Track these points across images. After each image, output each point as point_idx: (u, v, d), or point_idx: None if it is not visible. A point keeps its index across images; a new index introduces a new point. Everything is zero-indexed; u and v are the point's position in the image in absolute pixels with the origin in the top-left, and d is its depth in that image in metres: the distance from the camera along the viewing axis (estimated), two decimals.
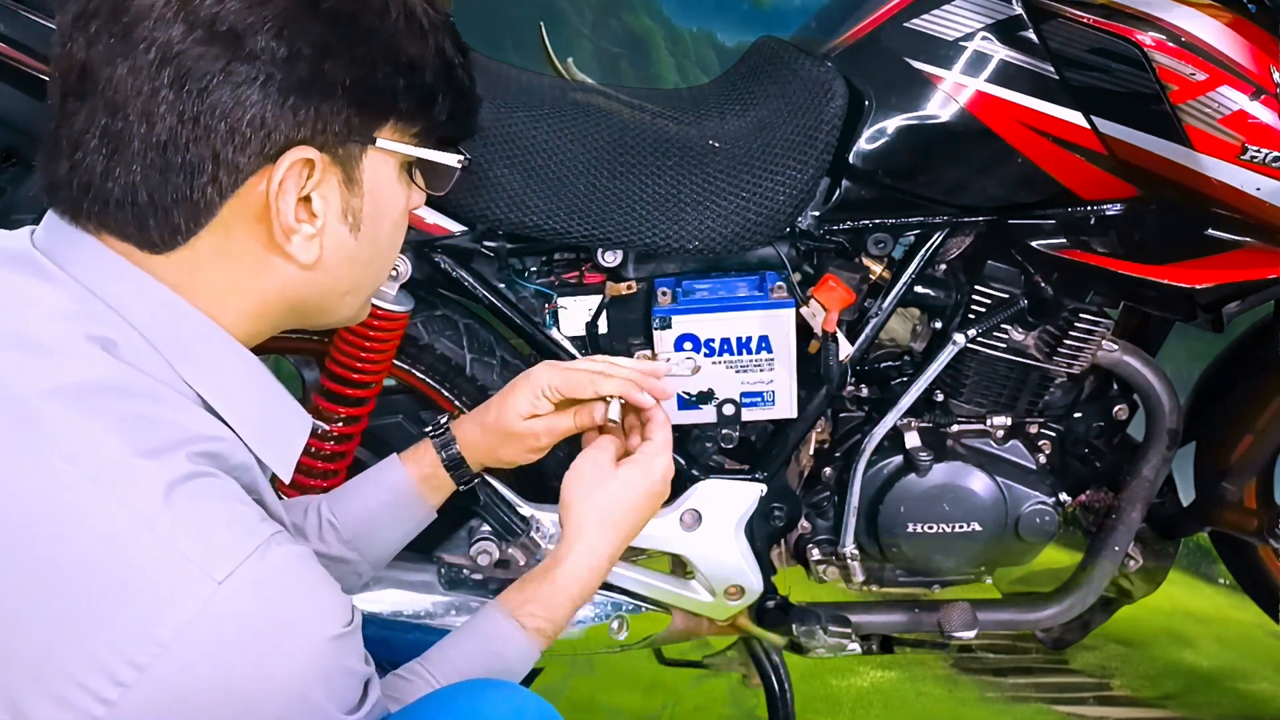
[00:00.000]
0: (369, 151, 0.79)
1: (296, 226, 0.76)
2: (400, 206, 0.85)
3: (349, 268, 0.82)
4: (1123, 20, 1.17)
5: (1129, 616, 1.58)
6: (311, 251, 0.78)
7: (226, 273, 0.77)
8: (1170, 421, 1.41)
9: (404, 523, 1.10)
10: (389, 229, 0.85)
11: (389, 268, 0.89)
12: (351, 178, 0.79)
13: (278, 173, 0.74)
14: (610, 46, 3.66)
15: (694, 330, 1.29)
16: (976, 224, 1.34)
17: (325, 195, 0.77)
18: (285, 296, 0.80)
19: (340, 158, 0.77)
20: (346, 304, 0.86)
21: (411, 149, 0.82)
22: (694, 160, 1.25)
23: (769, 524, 1.40)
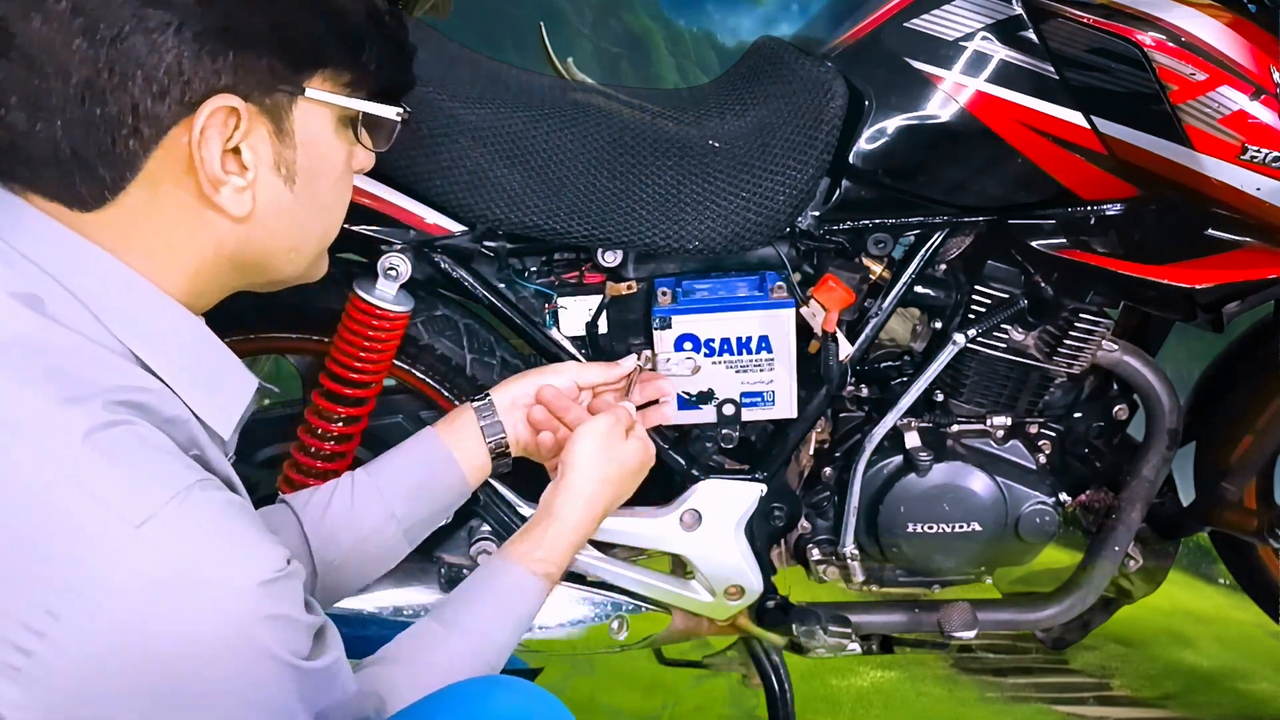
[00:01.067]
0: (299, 102, 0.78)
1: (224, 178, 0.75)
2: (340, 161, 0.84)
3: (287, 222, 0.81)
4: (1123, 20, 1.17)
5: (1129, 616, 1.58)
6: (243, 204, 0.77)
7: (158, 229, 0.76)
8: (1170, 421, 1.41)
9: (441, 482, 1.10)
10: (329, 184, 0.84)
11: (335, 225, 0.88)
12: (282, 129, 0.78)
13: (198, 121, 0.73)
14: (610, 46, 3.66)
15: (694, 330, 1.29)
16: (976, 224, 1.34)
17: (254, 146, 0.76)
18: (223, 253, 0.79)
19: (268, 108, 0.76)
20: (292, 261, 0.85)
21: (344, 100, 0.81)
22: (694, 160, 1.25)
23: (769, 524, 1.40)
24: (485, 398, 1.12)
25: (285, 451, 1.29)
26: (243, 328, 1.30)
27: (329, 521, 1.04)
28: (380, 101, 0.85)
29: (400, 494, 1.07)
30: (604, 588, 1.34)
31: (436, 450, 1.09)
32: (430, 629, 0.93)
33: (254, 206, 0.78)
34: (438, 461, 1.09)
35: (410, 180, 1.21)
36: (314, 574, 1.03)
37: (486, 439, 1.10)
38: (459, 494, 1.11)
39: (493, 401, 1.11)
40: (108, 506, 0.65)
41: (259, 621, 0.68)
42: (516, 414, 1.12)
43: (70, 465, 0.66)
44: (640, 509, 1.32)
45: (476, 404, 1.11)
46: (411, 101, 1.18)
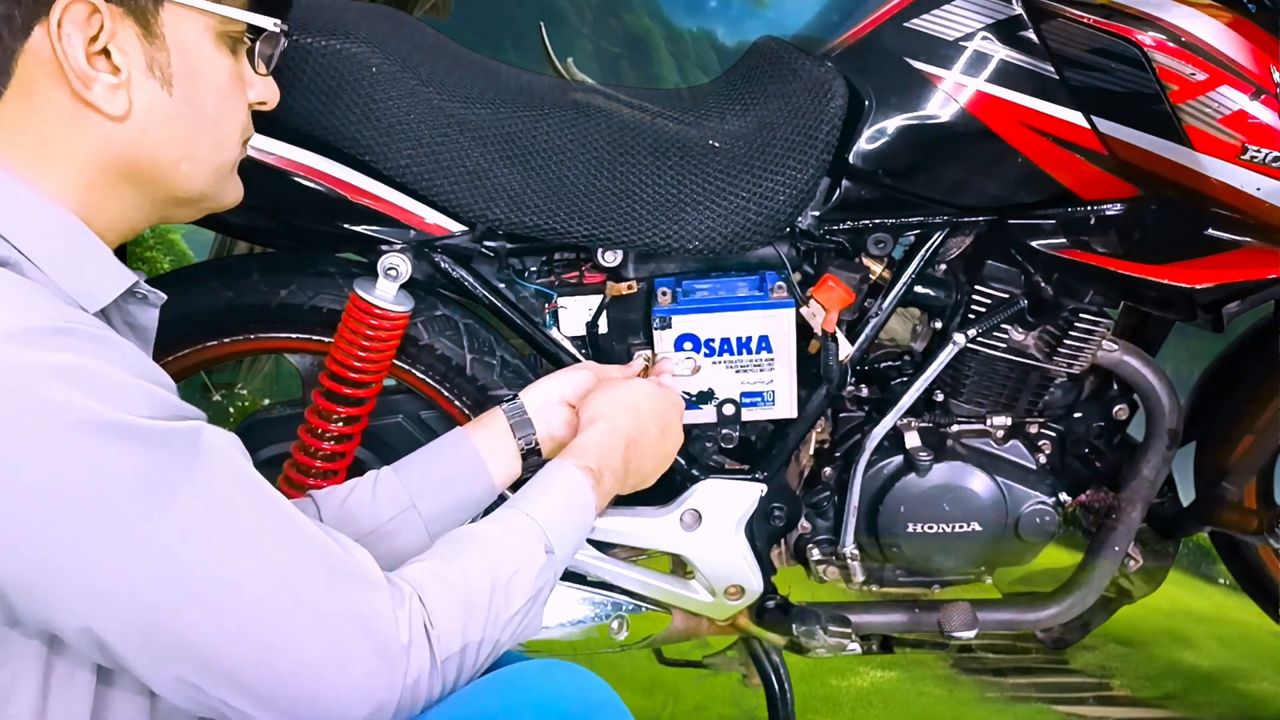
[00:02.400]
0: (166, 6, 0.80)
1: (93, 74, 0.77)
2: (223, 73, 0.85)
3: (170, 128, 0.82)
4: (1123, 20, 1.17)
5: (1129, 616, 1.58)
6: (118, 103, 0.78)
7: (39, 132, 0.78)
8: (1170, 421, 1.41)
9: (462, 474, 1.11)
10: (212, 94, 0.84)
11: (228, 142, 0.88)
12: (150, 30, 0.79)
13: (54, 18, 0.75)
14: (610, 46, 3.66)
15: (694, 330, 1.29)
16: (976, 224, 1.34)
17: (123, 47, 0.78)
18: (108, 159, 0.80)
19: (132, 9, 0.78)
20: (185, 174, 0.85)
21: (207, 4, 0.82)
22: (694, 160, 1.25)
23: (769, 524, 1.40)
24: (515, 398, 1.12)
25: (285, 451, 1.29)
26: (243, 328, 1.30)
27: (348, 507, 1.05)
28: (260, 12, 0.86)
29: (424, 488, 1.07)
30: (604, 588, 1.34)
31: (464, 448, 1.09)
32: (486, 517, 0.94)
33: (130, 107, 0.79)
34: (464, 459, 1.09)
35: (410, 180, 1.21)
36: None
37: (517, 439, 1.10)
38: (486, 492, 1.11)
39: (523, 403, 1.12)
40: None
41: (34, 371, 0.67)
42: (547, 414, 1.12)
43: None
44: (640, 509, 1.32)
45: (507, 405, 1.12)
46: (411, 102, 1.19)
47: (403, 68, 1.20)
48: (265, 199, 1.23)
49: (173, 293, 1.02)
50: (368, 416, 1.27)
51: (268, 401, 2.33)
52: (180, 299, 1.18)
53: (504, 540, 0.90)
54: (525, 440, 1.11)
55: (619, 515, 1.31)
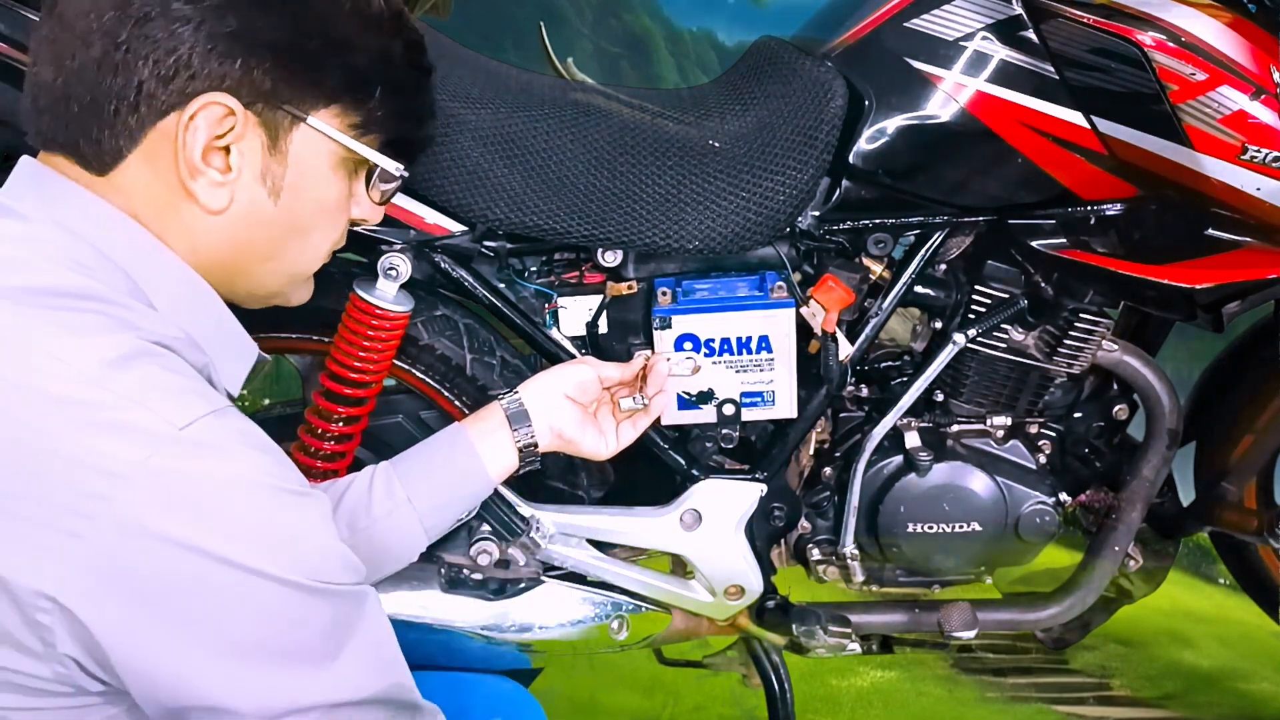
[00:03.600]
0: (301, 127, 0.82)
1: (203, 169, 0.79)
2: (332, 196, 0.88)
3: (265, 232, 0.85)
4: (1123, 20, 1.17)
5: (1129, 616, 1.59)
6: (218, 199, 0.81)
7: (153, 202, 0.81)
8: (1170, 421, 1.41)
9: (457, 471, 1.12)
10: (315, 211, 0.87)
11: (316, 255, 0.91)
12: (277, 145, 0.82)
13: (190, 109, 0.77)
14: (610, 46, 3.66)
15: (694, 330, 1.29)
16: (976, 224, 1.34)
17: (244, 150, 0.80)
18: (205, 245, 0.83)
19: (266, 120, 0.81)
20: (267, 274, 0.88)
21: (344, 138, 0.85)
22: (694, 160, 1.25)
23: (769, 524, 1.40)
24: (513, 393, 1.13)
25: (285, 451, 1.29)
26: (243, 327, 1.30)
27: (344, 504, 1.07)
28: (389, 153, 0.90)
29: (420, 484, 1.09)
30: (604, 588, 1.34)
31: (460, 444, 1.11)
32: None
33: (230, 205, 0.81)
34: (460, 455, 1.11)
35: (410, 180, 1.21)
36: None
37: (515, 434, 1.12)
38: (482, 487, 1.13)
39: (521, 398, 1.13)
40: (153, 411, 0.69)
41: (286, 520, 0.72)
42: (548, 410, 1.13)
43: (109, 381, 0.69)
44: (640, 509, 1.32)
45: (504, 400, 1.13)
46: None
47: None
48: None
49: None
50: (368, 416, 1.27)
51: (268, 401, 2.33)
52: None
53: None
54: (522, 435, 1.11)
55: (619, 515, 1.31)
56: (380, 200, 0.94)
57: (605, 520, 1.31)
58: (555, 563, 1.31)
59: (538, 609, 1.33)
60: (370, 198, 0.92)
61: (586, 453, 1.16)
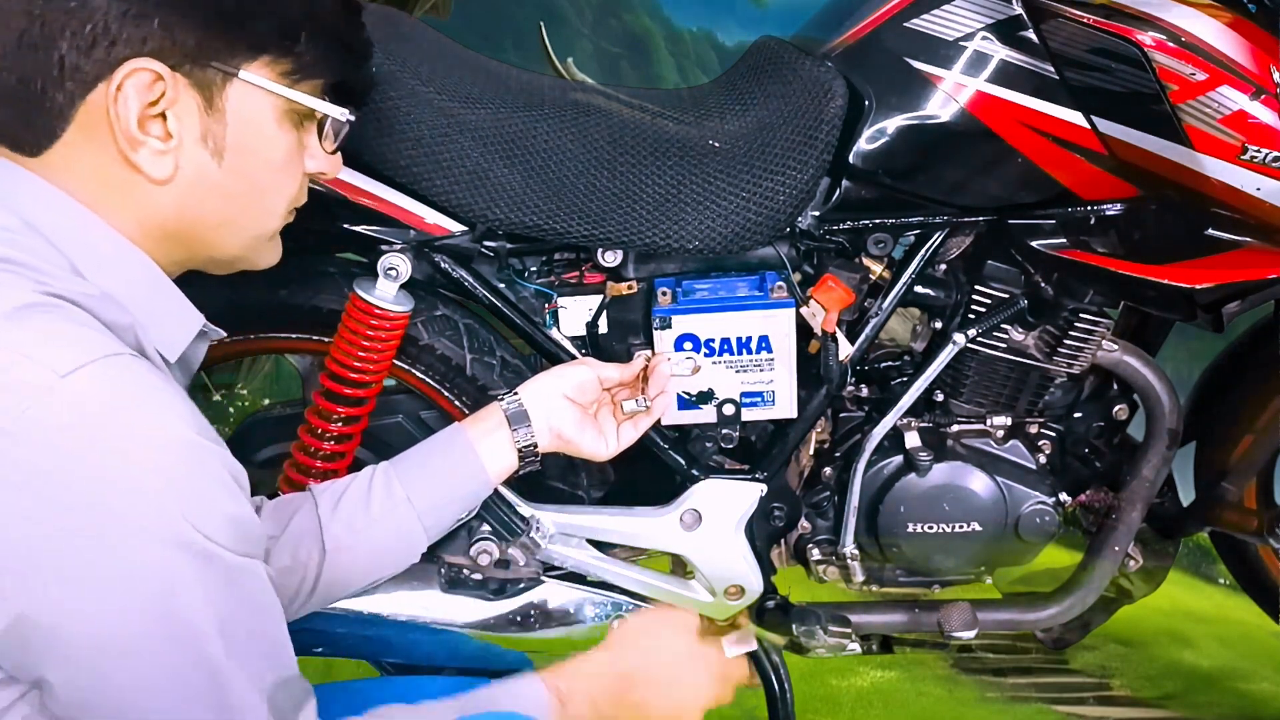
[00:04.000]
0: (234, 83, 0.81)
1: (141, 138, 0.78)
2: (280, 151, 0.86)
3: (216, 197, 0.83)
4: (1123, 20, 1.17)
5: (1129, 616, 1.59)
6: (163, 167, 0.80)
7: (94, 179, 0.80)
8: (1170, 421, 1.41)
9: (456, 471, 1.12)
10: (264, 168, 0.86)
11: (273, 212, 0.90)
12: (213, 104, 0.81)
13: (115, 79, 0.76)
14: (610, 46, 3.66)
15: (694, 330, 1.29)
16: (976, 224, 1.34)
17: (181, 115, 0.79)
18: (154, 216, 0.82)
19: (199, 81, 0.79)
20: (225, 238, 0.87)
21: (281, 89, 0.83)
22: (694, 160, 1.25)
23: (769, 524, 1.40)
24: (513, 394, 1.13)
25: (285, 451, 1.29)
26: (243, 328, 1.30)
27: (344, 504, 1.06)
28: (332, 99, 0.87)
29: (419, 484, 1.08)
30: (604, 588, 1.34)
31: (460, 444, 1.11)
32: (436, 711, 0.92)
33: (175, 173, 0.80)
34: (460, 455, 1.10)
35: (410, 180, 1.21)
36: (322, 553, 1.04)
37: (515, 434, 1.11)
38: (481, 487, 1.12)
39: (520, 399, 1.12)
40: (34, 360, 0.68)
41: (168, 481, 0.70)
42: (548, 411, 1.13)
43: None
44: (640, 509, 1.32)
45: (504, 401, 1.13)
46: (412, 102, 1.19)
47: (403, 68, 1.20)
48: None
49: None
50: (368, 416, 1.27)
51: (268, 401, 2.33)
52: None
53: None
54: (522, 436, 1.11)
55: (619, 515, 1.31)
56: (333, 150, 0.92)
57: (605, 520, 1.31)
58: (555, 563, 1.31)
59: (538, 609, 1.33)
60: (324, 148, 0.91)
61: (586, 453, 1.16)
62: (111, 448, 0.69)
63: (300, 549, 1.03)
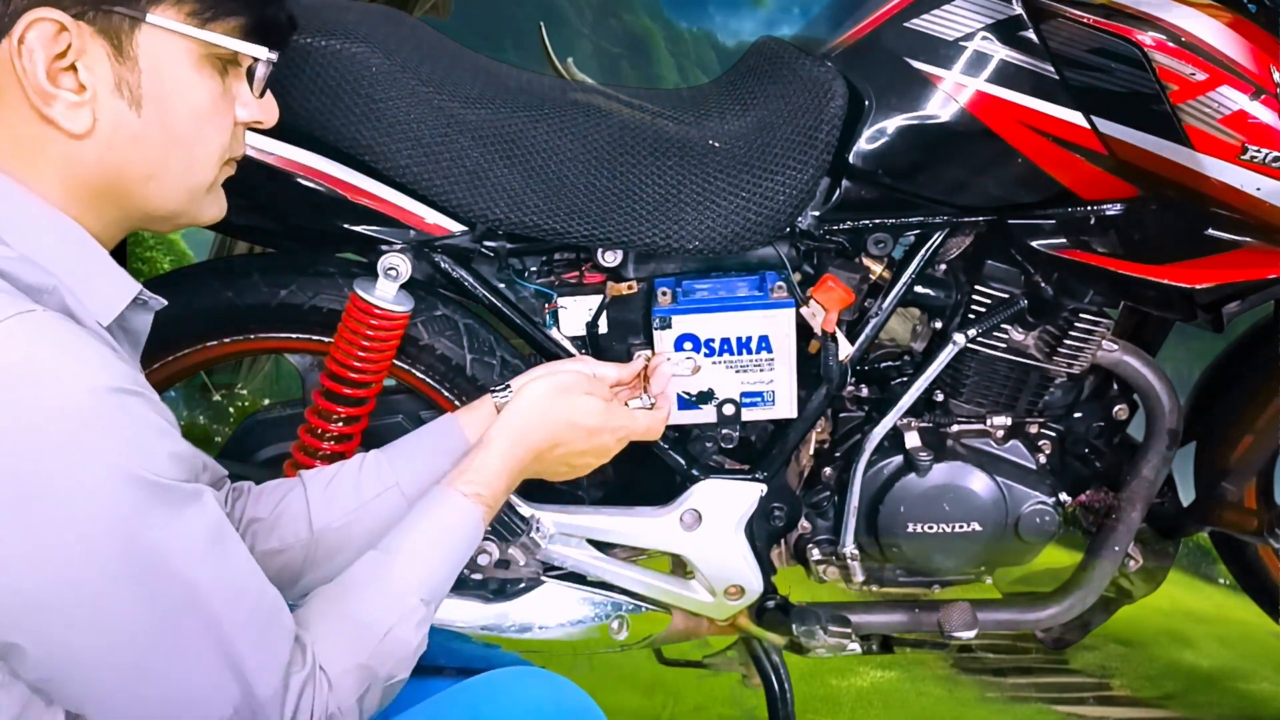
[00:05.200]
0: (143, 28, 0.79)
1: (53, 92, 0.77)
2: (203, 97, 0.84)
3: (138, 148, 0.81)
4: (1123, 20, 1.17)
5: (1129, 616, 1.59)
6: (79, 121, 0.78)
7: (11, 143, 0.78)
8: (1170, 421, 1.41)
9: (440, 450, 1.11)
10: (186, 114, 0.83)
11: (203, 161, 0.87)
12: (122, 51, 0.78)
13: (15, 32, 0.75)
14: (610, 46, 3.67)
15: (694, 330, 1.29)
16: (976, 224, 1.34)
17: (91, 65, 0.77)
18: (79, 175, 0.80)
19: (104, 29, 0.77)
20: (155, 192, 0.84)
21: (188, 29, 0.81)
22: (694, 160, 1.25)
23: (769, 524, 1.40)
24: (505, 387, 1.13)
25: (285, 451, 1.29)
26: (243, 328, 1.30)
27: (333, 487, 1.06)
28: (253, 40, 0.85)
29: (410, 469, 1.08)
30: (604, 588, 1.34)
31: (452, 432, 1.11)
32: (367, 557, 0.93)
33: (94, 125, 0.79)
34: (452, 443, 1.10)
35: (410, 180, 1.21)
36: (310, 534, 1.04)
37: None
38: None
39: (513, 391, 1.12)
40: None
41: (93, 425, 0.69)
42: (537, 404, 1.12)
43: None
44: (640, 509, 1.32)
45: (496, 393, 1.12)
46: (411, 102, 1.19)
47: (403, 68, 1.20)
48: (265, 199, 1.23)
49: (173, 293, 1.02)
50: (368, 416, 1.27)
51: (268, 401, 2.33)
52: (180, 299, 1.18)
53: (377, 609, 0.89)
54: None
55: (619, 515, 1.31)
56: (258, 94, 0.89)
57: (605, 520, 1.31)
58: (555, 563, 1.31)
59: (538, 609, 1.33)
60: (253, 93, 0.88)
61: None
62: (35, 402, 0.68)
63: (288, 531, 1.03)
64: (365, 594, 0.90)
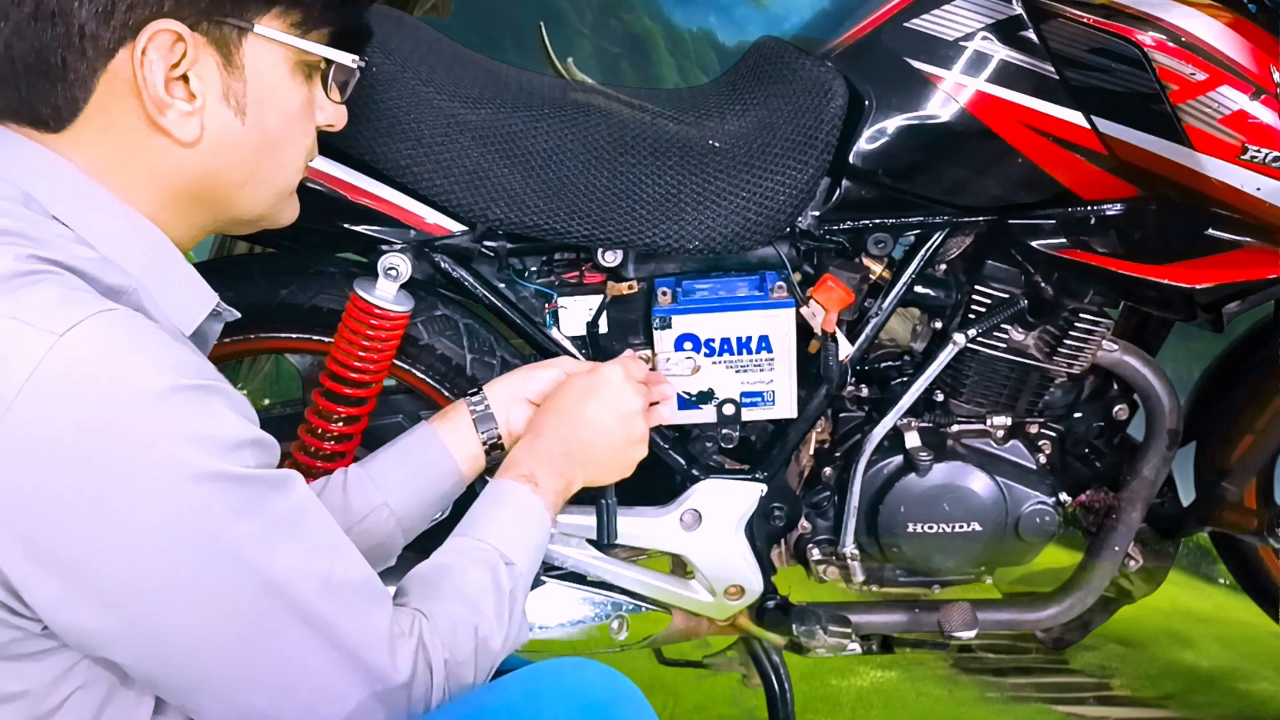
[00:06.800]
0: (249, 38, 0.82)
1: (169, 100, 0.78)
2: (295, 103, 0.87)
3: (238, 154, 0.84)
4: (1123, 20, 1.17)
5: (1129, 616, 1.59)
6: (190, 129, 0.80)
7: (118, 150, 0.79)
8: (1170, 421, 1.41)
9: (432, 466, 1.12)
10: (282, 122, 0.86)
11: (293, 166, 0.90)
12: (231, 61, 0.81)
13: (139, 43, 0.76)
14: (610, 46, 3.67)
15: (694, 330, 1.29)
16: (976, 224, 1.34)
17: (202, 75, 0.80)
18: (179, 181, 0.82)
19: (216, 39, 0.80)
20: (249, 197, 0.87)
21: (293, 39, 0.84)
22: (694, 160, 1.25)
23: (769, 524, 1.40)
24: (478, 392, 1.14)
25: (285, 451, 1.29)
26: (243, 328, 1.30)
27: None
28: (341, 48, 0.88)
29: (393, 483, 1.09)
30: (604, 588, 1.34)
31: (430, 442, 1.11)
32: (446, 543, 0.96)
33: (202, 133, 0.81)
34: (431, 453, 1.11)
35: (410, 180, 1.21)
36: None
37: (480, 432, 1.12)
38: (454, 485, 1.13)
39: (486, 396, 1.13)
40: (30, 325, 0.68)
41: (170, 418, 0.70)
42: (510, 408, 1.13)
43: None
44: (640, 509, 1.32)
45: (470, 398, 1.13)
46: (412, 102, 1.19)
47: (403, 68, 1.20)
48: None
49: None
50: (368, 416, 1.27)
51: (268, 401, 2.33)
52: None
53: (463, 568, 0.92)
54: (487, 434, 1.12)
55: (619, 515, 1.31)
56: (342, 98, 0.93)
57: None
58: (555, 563, 1.31)
59: (538, 609, 1.33)
60: (330, 98, 0.91)
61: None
62: (111, 398, 0.68)
63: None
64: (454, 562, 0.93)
